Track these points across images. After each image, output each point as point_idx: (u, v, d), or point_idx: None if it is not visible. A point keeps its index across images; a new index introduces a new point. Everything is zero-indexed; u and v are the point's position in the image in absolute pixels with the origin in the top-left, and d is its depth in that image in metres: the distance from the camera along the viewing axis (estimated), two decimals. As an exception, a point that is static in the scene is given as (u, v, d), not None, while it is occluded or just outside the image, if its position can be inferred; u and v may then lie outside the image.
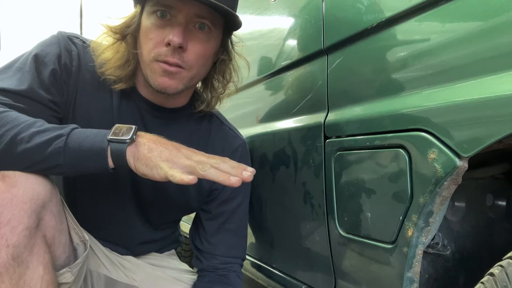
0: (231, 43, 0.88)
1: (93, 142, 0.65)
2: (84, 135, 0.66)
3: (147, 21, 0.75)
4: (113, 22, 0.78)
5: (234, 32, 0.87)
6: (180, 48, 0.73)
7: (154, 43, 0.74)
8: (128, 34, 0.78)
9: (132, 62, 0.80)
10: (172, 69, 0.74)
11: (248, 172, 0.66)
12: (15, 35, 4.79)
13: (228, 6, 0.73)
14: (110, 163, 0.65)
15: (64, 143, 0.63)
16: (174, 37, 0.71)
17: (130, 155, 0.66)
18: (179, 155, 0.67)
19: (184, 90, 0.81)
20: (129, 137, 0.66)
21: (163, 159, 0.65)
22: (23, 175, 0.62)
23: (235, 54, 0.89)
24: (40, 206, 0.62)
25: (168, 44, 0.72)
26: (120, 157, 0.65)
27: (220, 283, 0.90)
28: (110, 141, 0.65)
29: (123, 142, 0.65)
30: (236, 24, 0.80)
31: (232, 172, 0.66)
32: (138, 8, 0.78)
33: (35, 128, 0.63)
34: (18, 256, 0.58)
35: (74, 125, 0.67)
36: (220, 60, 0.86)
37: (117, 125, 0.68)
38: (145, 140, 0.67)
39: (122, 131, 0.67)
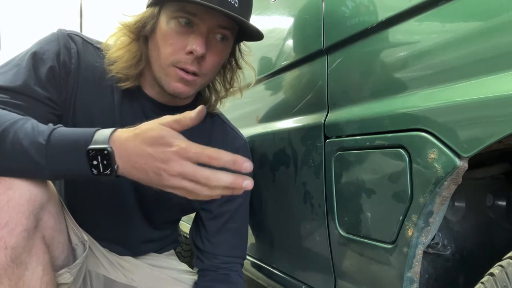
0: (240, 51, 0.88)
1: (73, 164, 0.60)
2: (63, 150, 0.60)
3: (166, 25, 0.74)
4: (128, 19, 0.78)
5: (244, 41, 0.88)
6: (201, 58, 0.74)
7: (174, 49, 0.74)
8: (143, 35, 0.78)
9: (143, 62, 0.80)
10: (189, 77, 0.75)
11: (247, 183, 0.58)
12: (15, 35, 4.79)
13: (245, 16, 0.74)
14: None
15: (44, 158, 0.59)
16: (198, 47, 0.72)
17: (123, 176, 0.62)
18: (170, 180, 0.59)
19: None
20: (110, 170, 0.59)
21: (159, 185, 0.60)
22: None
23: (243, 62, 0.89)
24: (38, 207, 0.62)
25: (190, 52, 0.73)
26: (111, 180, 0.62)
27: (222, 282, 0.90)
28: (94, 175, 0.60)
29: (108, 175, 0.60)
30: (256, 35, 0.78)
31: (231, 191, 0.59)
32: (156, 10, 0.76)
33: (14, 133, 0.59)
34: (17, 258, 0.58)
35: (50, 129, 0.61)
36: (228, 66, 0.87)
37: (89, 150, 0.59)
38: (123, 169, 0.60)
39: (99, 160, 0.59)
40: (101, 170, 0.60)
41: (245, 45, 0.90)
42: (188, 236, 1.05)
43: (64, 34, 0.79)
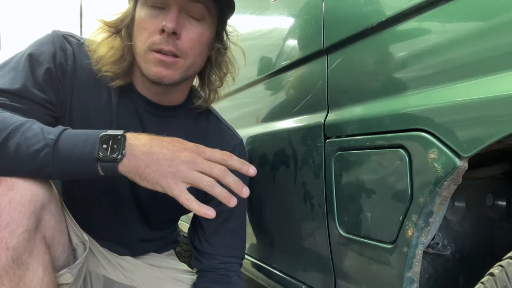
0: (226, 34, 0.88)
1: (81, 155, 0.62)
2: (71, 144, 0.63)
3: (141, 12, 0.75)
4: (108, 18, 0.79)
5: (229, 22, 0.87)
6: (174, 35, 0.73)
7: (149, 32, 0.74)
8: (122, 28, 0.78)
9: (128, 57, 0.80)
10: (168, 59, 0.74)
11: (246, 191, 0.66)
12: (15, 35, 4.79)
13: None
14: (102, 173, 0.64)
15: (51, 156, 0.61)
16: (168, 22, 0.71)
17: (125, 170, 0.63)
18: (179, 165, 0.63)
19: (181, 82, 0.80)
20: (117, 154, 0.62)
21: (164, 174, 0.63)
22: (20, 177, 0.61)
23: (230, 43, 0.88)
24: (39, 207, 0.62)
25: (162, 31, 0.72)
26: (112, 173, 0.64)
27: (221, 283, 0.90)
28: (98, 159, 0.62)
29: (112, 160, 0.62)
30: (228, 11, 0.81)
31: (234, 188, 0.65)
32: (132, 2, 0.78)
33: (21, 134, 0.61)
34: (18, 258, 0.58)
35: (61, 129, 0.64)
36: (216, 50, 0.85)
37: (102, 135, 0.64)
38: (137, 152, 0.64)
39: (110, 144, 0.63)
40: (108, 153, 0.62)
41: (229, 25, 0.88)
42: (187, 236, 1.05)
43: (59, 35, 0.79)
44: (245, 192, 0.65)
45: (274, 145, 1.00)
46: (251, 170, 0.66)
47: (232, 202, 0.64)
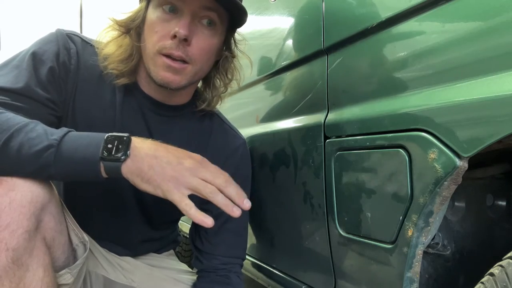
0: (234, 41, 0.88)
1: (84, 156, 0.62)
2: (75, 145, 0.63)
3: (153, 14, 0.75)
4: (119, 16, 0.79)
5: (238, 31, 0.87)
6: (185, 41, 0.73)
7: (160, 36, 0.74)
8: (132, 28, 0.78)
9: (135, 57, 0.80)
10: (177, 65, 0.74)
11: (248, 203, 0.66)
12: (15, 35, 4.79)
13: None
14: (104, 175, 0.64)
15: (53, 156, 0.61)
16: (180, 29, 0.71)
17: (127, 171, 0.64)
18: (183, 171, 0.64)
19: (187, 86, 0.81)
20: (122, 154, 0.63)
21: (166, 178, 0.63)
22: (21, 177, 0.61)
23: (238, 52, 0.89)
24: (39, 208, 0.61)
25: (174, 36, 0.72)
26: (114, 174, 0.64)
27: (221, 284, 0.90)
28: (102, 158, 0.62)
29: (116, 160, 0.63)
30: (241, 20, 0.80)
31: (236, 199, 0.65)
32: (144, 3, 0.78)
33: (25, 134, 0.61)
34: (18, 259, 0.58)
35: (65, 131, 0.64)
36: (223, 57, 0.86)
37: (108, 135, 0.64)
38: (142, 154, 0.64)
39: (115, 144, 0.63)
40: (112, 153, 0.62)
41: (239, 34, 0.89)
42: (188, 236, 1.05)
43: (63, 34, 0.79)
44: (246, 204, 0.65)
45: (274, 145, 1.00)
46: (246, 204, 0.66)
47: (235, 211, 0.64)
